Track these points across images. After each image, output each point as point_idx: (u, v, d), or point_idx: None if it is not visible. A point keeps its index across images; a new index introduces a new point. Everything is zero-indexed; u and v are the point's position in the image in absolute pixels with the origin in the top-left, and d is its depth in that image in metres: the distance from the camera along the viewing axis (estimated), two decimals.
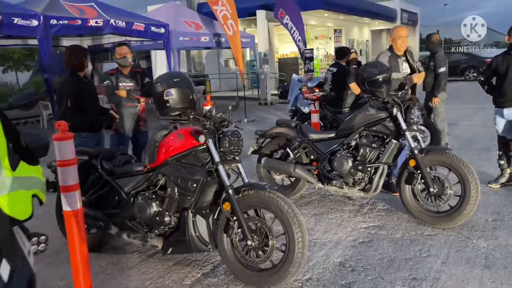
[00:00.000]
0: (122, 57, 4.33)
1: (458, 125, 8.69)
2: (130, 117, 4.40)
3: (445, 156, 3.60)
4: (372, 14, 21.55)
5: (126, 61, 4.34)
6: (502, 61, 4.49)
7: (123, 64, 4.36)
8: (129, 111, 4.39)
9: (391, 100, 3.76)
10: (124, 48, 4.35)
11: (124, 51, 4.33)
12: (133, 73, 4.47)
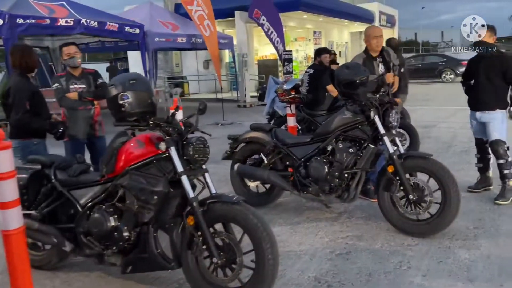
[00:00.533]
0: (70, 57, 4.01)
1: (437, 127, 8.64)
2: (83, 121, 4.10)
3: (425, 162, 3.43)
4: (351, 16, 21.59)
5: (74, 61, 4.03)
6: (474, 64, 4.40)
7: (71, 64, 4.06)
8: (83, 115, 4.09)
9: (368, 103, 3.58)
10: (72, 48, 4.04)
11: (72, 50, 4.02)
12: (85, 74, 4.17)
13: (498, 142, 4.16)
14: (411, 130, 5.83)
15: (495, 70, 4.18)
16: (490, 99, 4.21)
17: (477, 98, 4.32)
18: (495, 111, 4.20)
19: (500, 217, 3.80)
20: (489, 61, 4.23)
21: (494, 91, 4.19)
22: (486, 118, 4.24)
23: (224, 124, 10.32)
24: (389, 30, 27.63)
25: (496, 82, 4.17)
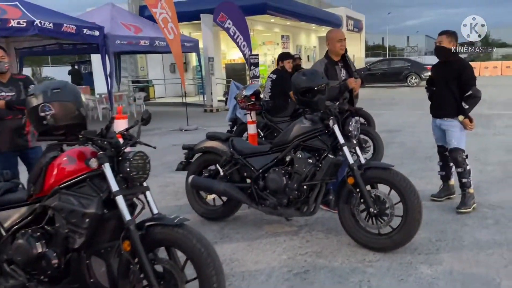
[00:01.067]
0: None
1: (402, 132, 8.63)
2: (12, 132, 3.73)
3: (386, 173, 3.28)
4: (318, 20, 21.67)
5: (1, 67, 3.66)
6: (436, 70, 4.35)
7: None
8: (11, 125, 3.71)
9: (327, 111, 3.40)
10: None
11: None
12: (14, 80, 3.80)
13: (457, 150, 4.08)
14: (375, 136, 5.73)
15: (453, 77, 4.09)
16: (449, 106, 4.12)
17: (437, 105, 4.25)
18: (454, 118, 4.12)
19: (462, 228, 3.70)
20: (448, 67, 4.15)
21: (453, 98, 4.10)
22: (446, 126, 4.16)
23: (188, 129, 10.02)
24: (356, 35, 28.00)
25: (454, 89, 4.08)
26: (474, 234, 3.54)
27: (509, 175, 5.24)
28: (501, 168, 5.58)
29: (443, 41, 4.11)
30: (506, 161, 5.94)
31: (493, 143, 6.97)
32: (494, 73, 27.86)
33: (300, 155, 3.48)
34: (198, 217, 4.11)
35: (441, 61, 4.24)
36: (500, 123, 8.75)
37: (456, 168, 4.11)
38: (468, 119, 4.06)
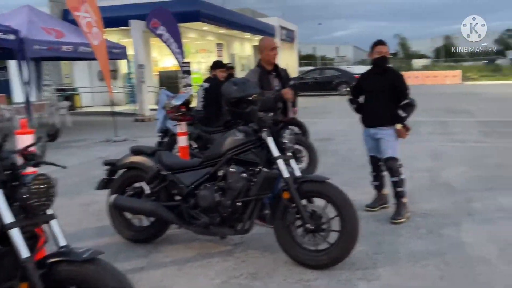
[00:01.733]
0: None
1: (335, 141, 8.74)
2: None
3: (322, 186, 3.15)
4: (252, 29, 21.78)
5: None
6: (366, 79, 4.31)
7: None
8: None
9: (261, 122, 3.21)
10: None
11: None
12: None
13: (392, 159, 4.09)
14: (309, 146, 5.67)
15: (389, 86, 4.11)
16: (385, 115, 4.13)
17: (372, 114, 4.21)
18: (389, 127, 4.13)
19: (398, 238, 3.67)
20: (384, 76, 4.16)
21: (388, 106, 4.12)
22: (381, 135, 4.15)
23: (116, 140, 9.42)
24: (289, 45, 28.55)
25: (390, 98, 4.11)
26: (409, 245, 3.51)
27: (437, 182, 5.41)
28: (429, 174, 5.75)
29: (385, 51, 4.13)
30: (432, 167, 6.15)
31: (419, 150, 7.23)
32: (416, 82, 29.73)
33: (233, 170, 3.25)
34: (123, 240, 3.73)
35: (377, 71, 4.21)
36: (424, 130, 9.18)
37: (392, 177, 4.11)
38: (405, 128, 4.09)
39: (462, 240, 3.58)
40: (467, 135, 8.69)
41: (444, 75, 30.52)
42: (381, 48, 4.12)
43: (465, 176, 5.58)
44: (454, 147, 7.61)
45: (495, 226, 3.85)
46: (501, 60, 53.83)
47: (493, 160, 6.44)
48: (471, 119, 11.18)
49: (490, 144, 7.71)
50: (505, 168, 5.91)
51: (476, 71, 37.35)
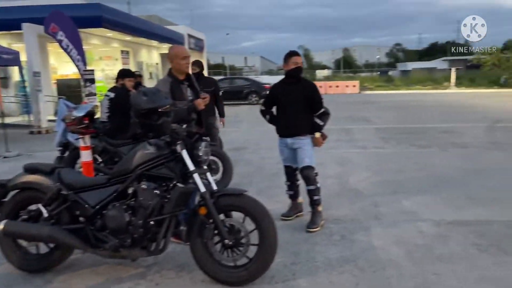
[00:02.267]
0: None
1: (248, 150, 8.77)
2: None
3: (239, 200, 3.06)
4: (159, 37, 21.24)
5: None
6: (280, 89, 4.32)
7: None
8: None
9: (174, 135, 3.04)
10: None
11: None
12: None
13: (310, 168, 4.15)
14: (224, 156, 5.58)
15: (305, 95, 4.19)
16: (302, 124, 4.20)
17: (289, 124, 4.24)
18: (306, 136, 4.21)
19: (314, 247, 3.71)
20: (299, 86, 4.22)
21: (304, 116, 4.20)
22: (299, 144, 4.20)
23: (8, 156, 8.45)
24: (198, 54, 28.39)
25: (306, 108, 4.19)
26: (325, 253, 3.57)
27: (345, 188, 5.64)
28: (338, 181, 5.99)
29: (300, 61, 4.20)
30: (340, 173, 6.43)
31: (327, 157, 7.52)
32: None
33: (144, 186, 3.02)
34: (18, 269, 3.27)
35: (292, 81, 4.25)
36: (330, 137, 9.60)
37: (308, 185, 4.17)
38: (322, 136, 4.22)
39: (373, 244, 3.73)
40: (369, 142, 9.29)
41: (344, 85, 32.61)
42: (297, 59, 4.19)
43: (370, 181, 5.91)
44: (358, 153, 8.06)
45: (400, 228, 4.09)
46: (392, 71, 59.24)
47: (393, 165, 6.92)
48: (370, 126, 12.00)
49: (389, 150, 8.31)
50: (404, 173, 6.38)
51: (372, 81, 40.55)
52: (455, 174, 6.17)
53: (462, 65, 46.31)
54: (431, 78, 38.20)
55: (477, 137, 9.51)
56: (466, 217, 4.33)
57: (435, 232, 3.96)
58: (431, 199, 4.99)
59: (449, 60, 55.11)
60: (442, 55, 65.86)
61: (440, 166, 6.69)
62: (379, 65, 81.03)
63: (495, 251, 3.50)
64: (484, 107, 17.03)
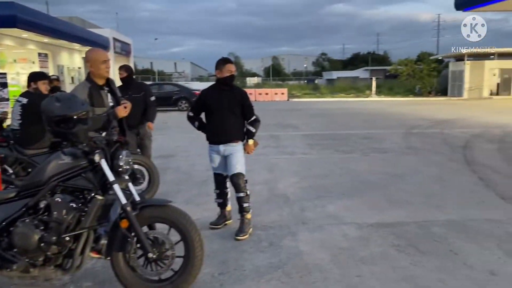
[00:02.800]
0: None
1: (177, 157, 8.58)
2: None
3: (164, 211, 2.94)
4: (82, 40, 20.16)
5: None
6: (211, 96, 4.26)
7: None
8: None
9: (92, 143, 2.85)
10: None
11: None
12: None
13: (240, 175, 4.14)
14: (149, 165, 5.38)
15: (237, 103, 4.20)
16: (234, 131, 4.21)
17: (221, 131, 4.19)
18: (238, 143, 4.22)
19: (242, 255, 3.68)
20: (231, 93, 4.22)
21: (237, 122, 4.22)
22: (231, 151, 4.18)
23: None
24: (125, 58, 27.43)
25: (238, 114, 4.21)
26: (253, 260, 3.55)
27: (274, 194, 5.70)
28: (267, 187, 6.04)
29: (234, 69, 4.20)
30: (269, 180, 6.49)
31: (256, 163, 7.56)
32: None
33: (59, 199, 2.79)
34: None
35: (224, 88, 4.20)
36: (260, 144, 9.71)
37: (238, 193, 4.15)
38: (254, 143, 4.28)
39: (300, 249, 3.78)
40: (296, 148, 9.52)
41: (274, 92, 33.29)
42: (231, 66, 4.18)
43: (297, 187, 6.03)
44: (286, 159, 8.21)
45: (326, 232, 4.19)
46: (319, 80, 61.72)
47: (319, 170, 7.13)
48: (298, 133, 12.33)
49: (315, 156, 8.57)
50: (329, 178, 6.59)
51: (300, 89, 41.88)
52: (375, 178, 6.50)
53: (382, 74, 49.54)
54: (354, 86, 40.33)
55: (395, 142, 10.13)
56: (386, 219, 4.56)
57: (358, 235, 4.11)
58: (354, 202, 5.19)
59: (370, 70, 58.64)
60: (364, 64, 69.94)
61: (362, 171, 7.01)
62: (306, 73, 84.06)
63: (413, 251, 3.71)
64: (401, 114, 18.26)
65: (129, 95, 5.63)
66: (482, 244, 3.84)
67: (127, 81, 5.70)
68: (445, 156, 8.24)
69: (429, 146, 9.56)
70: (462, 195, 5.46)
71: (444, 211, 4.80)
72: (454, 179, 6.38)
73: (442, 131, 12.08)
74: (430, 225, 4.34)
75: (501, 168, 7.07)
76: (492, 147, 9.27)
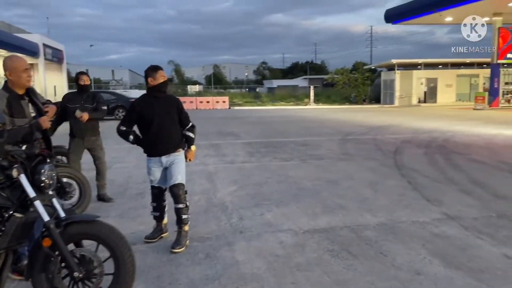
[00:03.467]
0: None
1: (112, 169, 8.23)
2: None
3: (91, 227, 2.80)
4: (9, 46, 18.96)
5: None
6: (147, 105, 4.07)
7: None
8: None
9: (10, 157, 2.66)
10: None
11: None
12: None
13: (181, 185, 4.06)
14: (80, 177, 5.13)
15: (175, 110, 4.13)
16: (175, 139, 4.13)
17: (163, 141, 4.07)
18: (180, 151, 4.16)
19: (177, 268, 3.59)
20: (167, 100, 4.14)
21: (177, 130, 4.15)
22: (173, 160, 4.10)
23: None
24: (56, 65, 26.15)
25: (176, 122, 4.14)
26: (189, 274, 3.48)
27: (212, 203, 5.65)
28: (205, 197, 5.97)
29: (165, 75, 4.13)
30: (208, 189, 6.43)
31: (195, 173, 7.49)
32: (190, 107, 31.44)
33: None
34: None
35: (159, 95, 4.08)
36: (200, 153, 9.63)
37: (177, 204, 4.06)
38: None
39: (236, 259, 3.77)
40: (236, 156, 9.53)
41: (215, 100, 33.25)
42: (163, 72, 4.12)
43: (236, 195, 6.02)
44: (225, 168, 8.19)
45: (263, 240, 4.22)
46: (260, 88, 62.53)
47: (258, 178, 7.19)
48: (238, 141, 12.37)
49: (255, 164, 8.63)
50: (268, 185, 6.66)
51: (241, 97, 42.18)
52: (312, 184, 6.66)
53: (320, 83, 51.27)
54: (294, 95, 41.35)
55: (331, 149, 10.47)
56: (321, 224, 4.68)
57: (293, 242, 4.17)
58: (291, 209, 5.28)
59: (309, 79, 60.42)
60: (303, 73, 71.95)
61: (300, 177, 7.16)
62: (247, 82, 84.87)
63: (346, 255, 3.82)
64: (338, 121, 18.95)
65: (81, 104, 5.42)
66: (409, 245, 4.05)
67: (85, 90, 5.56)
68: (377, 162, 8.64)
69: (363, 152, 9.98)
70: (392, 199, 5.75)
71: (376, 215, 5.01)
72: (385, 183, 6.70)
73: (375, 137, 12.67)
74: (363, 229, 4.51)
75: (427, 172, 7.53)
76: (420, 151, 9.87)
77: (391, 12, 30.46)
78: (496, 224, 4.67)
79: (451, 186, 6.45)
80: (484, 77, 32.16)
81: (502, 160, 8.65)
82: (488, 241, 4.15)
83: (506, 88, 27.01)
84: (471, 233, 4.36)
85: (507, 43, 26.33)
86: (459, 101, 33.26)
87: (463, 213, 5.04)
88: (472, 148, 10.26)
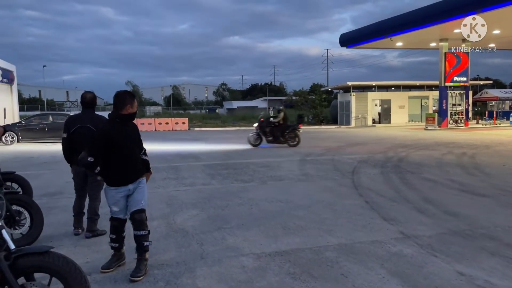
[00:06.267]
0: None
1: (66, 194, 7.91)
2: None
3: (44, 259, 2.66)
4: None
5: None
6: (118, 133, 3.92)
7: None
8: None
9: None
10: None
11: None
12: None
13: (142, 211, 4.00)
14: (31, 205, 4.89)
15: (137, 136, 4.17)
16: (141, 166, 4.15)
17: (132, 168, 4.00)
18: (144, 177, 4.16)
19: None
20: (133, 127, 4.15)
21: (139, 156, 4.16)
22: (138, 187, 4.03)
23: None
24: (6, 86, 25.12)
25: (137, 147, 4.14)
26: None
27: (172, 228, 5.53)
28: (165, 222, 5.84)
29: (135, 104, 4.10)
30: (168, 213, 6.30)
31: (154, 197, 7.33)
32: (149, 129, 30.94)
33: None
34: None
35: (126, 123, 4.02)
36: (159, 176, 9.46)
37: (138, 231, 3.95)
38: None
39: (197, 286, 3.69)
40: (196, 179, 9.42)
41: (174, 122, 32.94)
42: (135, 101, 4.03)
43: (197, 219, 5.94)
44: (185, 191, 8.07)
45: (224, 266, 4.16)
46: (220, 109, 62.66)
47: (219, 201, 7.13)
48: (198, 163, 12.25)
49: (215, 186, 8.57)
50: (229, 208, 6.62)
51: (201, 118, 42.04)
52: (272, 206, 6.69)
53: (279, 104, 52.01)
54: (254, 115, 41.66)
55: (291, 170, 10.59)
56: (282, 247, 4.68)
57: (255, 266, 4.15)
58: (252, 232, 5.26)
59: (268, 100, 61.23)
60: (262, 95, 72.83)
61: (260, 199, 7.17)
62: (207, 102, 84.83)
63: (307, 277, 3.84)
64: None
65: (78, 127, 5.16)
66: (368, 265, 4.13)
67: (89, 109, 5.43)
68: (335, 182, 8.82)
69: (322, 172, 10.16)
70: (351, 219, 5.86)
71: (335, 235, 5.08)
72: (344, 203, 6.83)
73: (333, 158, 12.95)
74: (323, 250, 4.56)
75: (382, 191, 7.76)
76: (376, 171, 10.17)
77: (346, 37, 31.78)
78: (450, 241, 4.86)
79: (406, 205, 6.68)
80: (434, 98, 33.94)
81: (451, 179, 9.07)
82: (442, 258, 4.31)
83: (453, 110, 28.59)
84: (426, 251, 4.51)
85: (453, 67, 28.07)
86: (412, 122, 34.78)
87: (418, 232, 5.21)
88: (424, 168, 10.71)
